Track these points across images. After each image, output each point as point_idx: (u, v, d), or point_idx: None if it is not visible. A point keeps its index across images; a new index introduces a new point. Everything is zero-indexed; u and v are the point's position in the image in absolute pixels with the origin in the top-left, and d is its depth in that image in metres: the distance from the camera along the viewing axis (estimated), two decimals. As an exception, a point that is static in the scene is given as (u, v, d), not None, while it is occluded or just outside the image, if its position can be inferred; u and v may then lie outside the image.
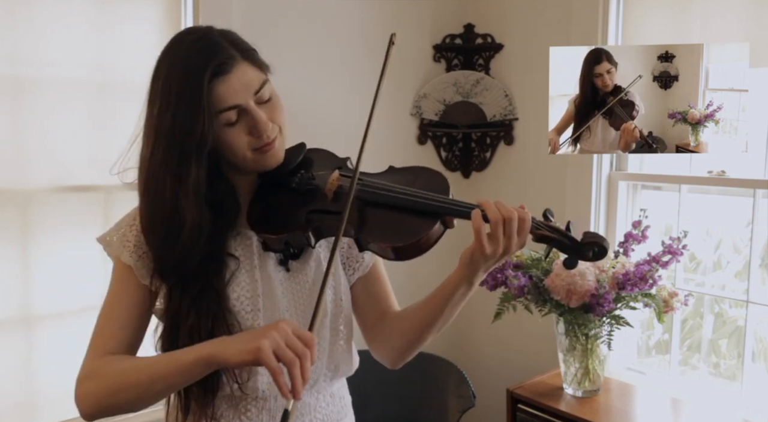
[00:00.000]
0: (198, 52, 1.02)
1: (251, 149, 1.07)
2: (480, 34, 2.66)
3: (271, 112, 1.08)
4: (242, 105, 1.03)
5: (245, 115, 1.05)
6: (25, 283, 1.86)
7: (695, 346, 2.29)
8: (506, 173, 2.66)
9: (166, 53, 1.06)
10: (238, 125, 1.05)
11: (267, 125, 1.06)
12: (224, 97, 1.02)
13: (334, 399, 1.23)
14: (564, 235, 1.07)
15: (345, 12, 2.40)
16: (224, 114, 1.03)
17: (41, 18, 1.81)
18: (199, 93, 0.99)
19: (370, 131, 1.08)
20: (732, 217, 2.21)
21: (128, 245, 1.12)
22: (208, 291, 1.07)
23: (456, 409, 1.97)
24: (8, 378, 1.86)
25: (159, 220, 1.04)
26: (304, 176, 1.13)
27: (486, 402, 2.47)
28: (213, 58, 1.01)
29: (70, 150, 1.90)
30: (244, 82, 1.03)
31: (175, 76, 1.02)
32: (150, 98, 1.06)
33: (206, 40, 1.04)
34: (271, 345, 0.90)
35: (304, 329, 0.95)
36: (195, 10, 2.04)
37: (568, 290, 1.89)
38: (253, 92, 1.04)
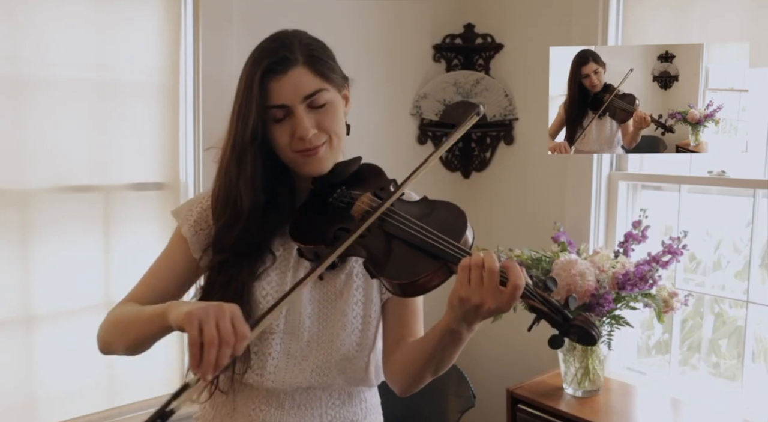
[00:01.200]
0: (264, 49, 1.10)
1: (292, 150, 1.11)
2: (480, 34, 2.66)
3: (322, 119, 1.10)
4: (288, 106, 1.08)
5: (291, 116, 1.09)
6: (25, 283, 1.86)
7: (695, 346, 2.29)
8: (506, 173, 2.66)
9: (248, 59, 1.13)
10: (283, 124, 1.10)
11: (308, 131, 1.09)
12: (273, 94, 1.07)
13: (353, 399, 1.23)
14: (555, 310, 0.96)
15: (345, 12, 2.40)
16: (271, 111, 1.08)
17: (41, 18, 1.81)
18: (252, 86, 1.07)
19: (370, 132, 1.08)
20: (732, 217, 2.21)
21: (190, 219, 1.20)
22: (235, 280, 1.12)
23: (456, 409, 1.97)
24: (8, 378, 1.86)
25: (225, 202, 1.13)
26: (341, 193, 1.14)
27: (486, 402, 2.47)
28: (273, 55, 1.07)
29: (70, 150, 1.90)
30: (295, 84, 1.07)
31: (245, 69, 1.11)
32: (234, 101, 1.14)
33: (279, 39, 1.11)
34: (199, 317, 0.90)
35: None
36: (195, 10, 2.04)
37: (568, 290, 1.89)
38: (302, 96, 1.08)
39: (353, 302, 1.18)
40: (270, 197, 1.13)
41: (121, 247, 1.99)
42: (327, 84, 1.10)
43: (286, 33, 1.13)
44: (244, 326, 0.92)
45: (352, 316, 1.17)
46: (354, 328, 1.17)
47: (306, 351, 1.16)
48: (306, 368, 1.15)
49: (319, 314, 1.17)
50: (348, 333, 1.16)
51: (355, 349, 1.17)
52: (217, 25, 2.06)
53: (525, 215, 2.59)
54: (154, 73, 2.03)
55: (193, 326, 0.90)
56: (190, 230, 1.18)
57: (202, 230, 1.19)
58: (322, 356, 1.16)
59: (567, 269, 1.91)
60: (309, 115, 1.09)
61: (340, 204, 1.13)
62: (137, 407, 2.04)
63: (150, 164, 2.04)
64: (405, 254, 1.03)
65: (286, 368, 1.14)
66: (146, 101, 2.02)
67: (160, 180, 2.06)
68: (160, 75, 2.04)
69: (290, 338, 1.15)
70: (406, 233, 1.04)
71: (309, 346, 1.16)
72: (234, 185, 1.11)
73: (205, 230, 1.18)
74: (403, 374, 1.16)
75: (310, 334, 1.16)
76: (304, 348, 1.16)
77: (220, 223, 1.13)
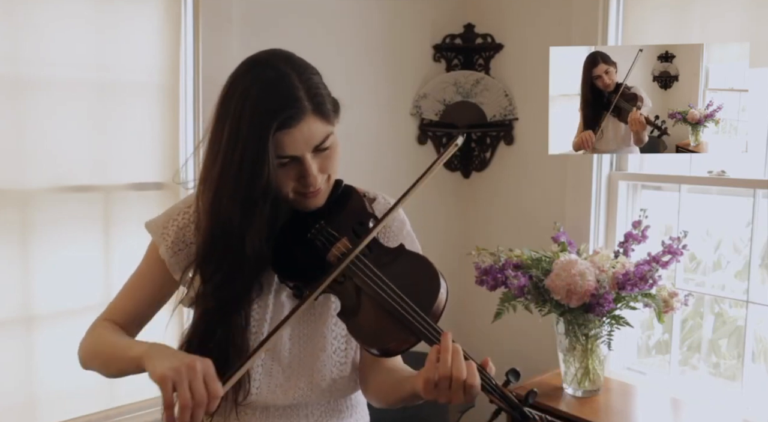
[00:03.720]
0: (272, 97, 1.02)
1: (294, 192, 1.08)
2: (480, 34, 2.66)
3: (325, 162, 1.08)
4: (299, 156, 1.04)
5: (298, 163, 1.05)
6: (25, 283, 1.86)
7: (695, 346, 2.29)
8: (506, 173, 2.66)
9: (239, 82, 1.05)
10: (289, 168, 1.06)
11: (316, 179, 1.07)
12: (284, 146, 1.02)
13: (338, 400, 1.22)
14: (513, 406, 1.01)
15: (345, 12, 2.40)
16: (279, 159, 1.04)
17: (41, 18, 1.81)
18: (266, 142, 1.00)
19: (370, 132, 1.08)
20: (732, 217, 2.21)
21: (167, 240, 1.16)
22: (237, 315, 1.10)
23: (456, 409, 1.96)
24: (8, 378, 1.86)
25: (222, 245, 1.06)
26: (320, 229, 1.12)
27: (486, 402, 2.47)
28: (284, 109, 1.01)
29: (70, 150, 1.90)
30: (306, 136, 1.03)
31: (247, 118, 1.01)
32: (218, 121, 1.06)
33: (283, 85, 1.02)
34: (173, 379, 0.92)
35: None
36: (195, 10, 2.04)
37: (568, 290, 1.89)
38: (312, 146, 1.05)
39: (332, 323, 1.17)
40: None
41: (121, 247, 1.99)
42: (331, 126, 1.08)
43: (285, 73, 1.04)
44: (217, 384, 0.94)
45: (331, 337, 1.17)
46: (335, 348, 1.17)
47: (288, 372, 1.15)
48: (288, 389, 1.15)
49: (300, 336, 1.16)
50: (328, 354, 1.16)
51: (338, 369, 1.17)
52: (217, 25, 2.06)
53: (525, 215, 2.59)
54: (154, 73, 2.03)
55: (166, 388, 0.92)
56: (168, 252, 1.15)
57: (180, 251, 1.15)
58: (304, 377, 1.16)
59: (567, 269, 1.91)
60: (314, 160, 1.06)
61: (318, 242, 1.11)
62: (137, 407, 2.04)
63: (150, 164, 2.04)
64: (375, 317, 1.03)
65: (268, 389, 1.14)
66: (146, 101, 2.02)
67: (160, 180, 2.06)
68: (160, 75, 2.04)
69: (272, 360, 1.15)
70: (376, 293, 1.03)
71: (291, 368, 1.15)
72: (237, 234, 1.04)
73: (183, 249, 1.15)
74: (376, 399, 1.20)
75: (292, 356, 1.16)
76: (285, 370, 1.15)
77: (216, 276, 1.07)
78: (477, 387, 0.98)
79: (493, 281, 2.00)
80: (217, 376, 0.95)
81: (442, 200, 2.73)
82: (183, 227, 1.16)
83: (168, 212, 1.20)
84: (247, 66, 1.06)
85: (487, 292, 2.04)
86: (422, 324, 1.00)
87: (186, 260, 1.14)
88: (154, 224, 1.20)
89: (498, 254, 2.05)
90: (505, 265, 2.00)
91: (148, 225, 1.20)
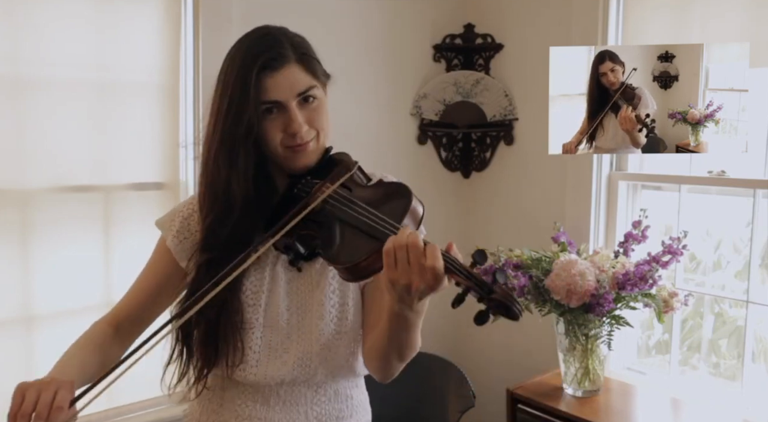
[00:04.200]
0: (257, 45, 1.10)
1: (283, 146, 1.12)
2: (480, 34, 2.66)
3: (312, 115, 1.12)
4: (282, 102, 1.09)
5: (284, 112, 1.10)
6: (25, 283, 1.86)
7: (695, 346, 2.29)
8: (506, 173, 2.66)
9: (236, 43, 1.13)
10: (276, 119, 1.10)
11: (302, 127, 1.11)
12: (268, 90, 1.08)
13: (339, 396, 1.23)
14: (479, 284, 0.95)
15: (345, 12, 2.40)
16: (265, 106, 1.09)
17: (41, 18, 1.81)
18: (248, 82, 1.07)
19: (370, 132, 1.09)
20: (732, 217, 2.21)
21: (173, 229, 1.22)
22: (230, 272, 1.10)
23: (456, 409, 1.97)
24: (8, 378, 1.86)
25: (214, 197, 1.12)
26: (305, 183, 1.15)
27: (486, 402, 2.47)
28: (267, 52, 1.08)
29: (70, 150, 1.90)
30: (290, 81, 1.09)
31: (234, 65, 1.09)
32: (216, 83, 1.14)
33: (270, 36, 1.12)
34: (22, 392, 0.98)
35: None
36: (195, 10, 2.04)
37: (568, 290, 1.89)
38: (296, 93, 1.10)
39: (329, 290, 1.18)
40: (256, 193, 1.14)
41: (121, 247, 1.99)
42: (316, 81, 1.13)
43: (272, 29, 1.14)
44: (59, 402, 0.99)
45: (329, 305, 1.18)
46: (332, 316, 1.18)
47: (287, 343, 1.17)
48: (288, 360, 1.16)
49: (297, 305, 1.18)
50: (326, 322, 1.17)
51: (334, 338, 1.18)
52: (217, 25, 2.05)
53: (525, 215, 2.59)
54: (154, 73, 2.03)
55: (13, 400, 0.98)
56: (173, 240, 1.20)
57: (186, 239, 1.20)
58: (302, 347, 1.17)
59: (567, 269, 1.91)
60: (300, 111, 1.10)
61: (302, 193, 1.13)
62: (137, 407, 2.04)
63: (150, 164, 2.04)
64: (349, 238, 1.04)
65: (268, 361, 1.16)
66: (146, 101, 2.02)
67: (160, 180, 2.06)
68: (160, 75, 2.04)
69: (270, 331, 1.17)
70: (349, 215, 1.05)
71: (289, 338, 1.17)
72: (225, 179, 1.10)
73: (188, 238, 1.20)
74: (372, 359, 1.18)
75: (290, 326, 1.17)
76: (284, 341, 1.17)
77: (210, 219, 1.13)
78: (435, 256, 0.93)
79: (493, 281, 2.00)
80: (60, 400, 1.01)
81: (442, 200, 2.73)
82: (187, 216, 1.22)
83: (174, 209, 1.26)
84: (241, 37, 1.15)
85: (487, 292, 2.04)
86: (388, 227, 1.00)
87: (192, 248, 1.18)
88: (162, 219, 1.25)
89: (498, 254, 2.05)
90: (505, 265, 2.00)
91: (157, 222, 1.26)
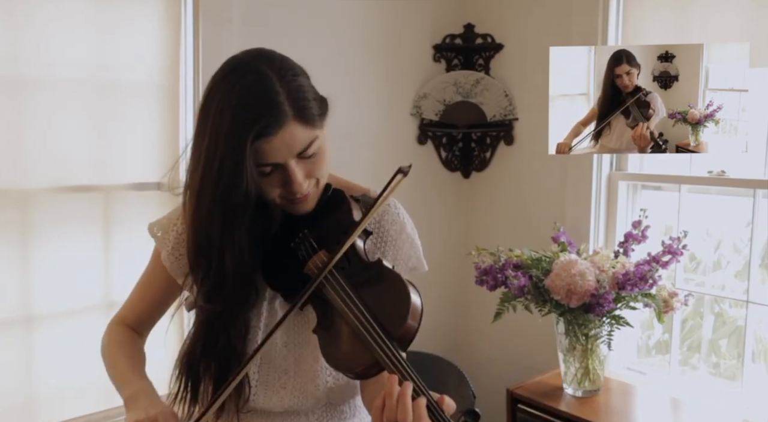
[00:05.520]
0: (250, 103, 0.96)
1: (281, 198, 1.05)
2: (480, 34, 2.66)
3: (312, 167, 1.04)
4: (280, 163, 1.00)
5: (282, 170, 1.01)
6: (25, 283, 1.86)
7: (695, 346, 2.29)
8: (506, 173, 2.66)
9: (218, 87, 1.00)
10: (273, 176, 1.02)
11: (302, 185, 1.02)
12: (265, 155, 0.98)
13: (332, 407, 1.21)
14: None
15: (345, 12, 2.40)
16: (261, 167, 1.00)
17: (41, 18, 1.81)
18: (242, 153, 0.96)
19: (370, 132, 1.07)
20: (732, 217, 2.21)
21: (168, 245, 1.17)
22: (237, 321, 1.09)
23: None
24: (8, 378, 1.86)
25: (206, 262, 1.04)
26: (302, 239, 1.09)
27: (486, 402, 2.47)
28: (262, 117, 0.96)
29: (70, 150, 1.90)
30: (287, 143, 0.98)
31: (223, 122, 0.97)
32: (198, 127, 1.02)
33: (263, 90, 0.97)
34: None
35: None
36: (195, 10, 2.04)
37: (568, 290, 1.89)
38: (295, 153, 1.00)
39: None
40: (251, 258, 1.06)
41: (121, 247, 1.99)
42: (316, 131, 1.02)
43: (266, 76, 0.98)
44: None
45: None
46: None
47: (284, 378, 1.14)
48: (284, 396, 1.14)
49: (294, 343, 1.15)
50: (321, 364, 1.14)
51: (333, 378, 1.16)
52: (217, 25, 2.06)
53: (525, 215, 2.59)
54: (154, 73, 2.03)
55: None
56: (168, 258, 1.16)
57: (181, 256, 1.14)
58: (299, 385, 1.14)
59: (567, 269, 1.91)
60: (299, 166, 1.02)
61: (299, 252, 1.09)
62: (137, 407, 2.04)
63: (150, 164, 2.04)
64: (346, 338, 1.00)
65: (264, 396, 1.13)
66: (146, 101, 2.02)
67: (160, 180, 2.06)
68: (160, 75, 2.04)
69: (267, 367, 1.14)
70: (346, 313, 1.00)
71: (287, 374, 1.14)
72: (217, 247, 1.02)
73: (184, 255, 1.12)
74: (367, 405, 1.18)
75: (287, 363, 1.14)
76: (281, 376, 1.14)
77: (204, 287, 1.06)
78: None
79: (493, 281, 2.00)
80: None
81: (442, 200, 2.73)
82: (182, 232, 1.14)
83: (170, 215, 1.20)
84: (226, 70, 1.01)
85: (487, 292, 2.04)
86: (386, 352, 0.96)
87: (187, 265, 1.12)
88: (156, 226, 1.20)
89: (498, 254, 2.05)
90: (505, 265, 2.00)
91: (151, 228, 1.20)
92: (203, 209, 1.01)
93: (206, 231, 1.02)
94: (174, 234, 1.16)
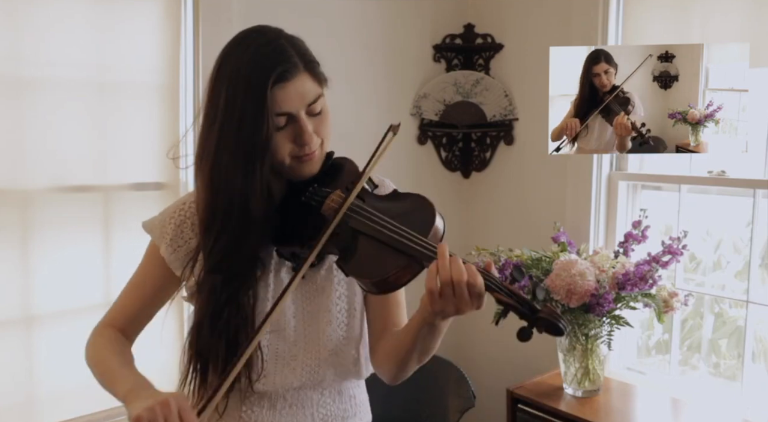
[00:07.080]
0: (266, 55, 1.05)
1: (291, 156, 1.10)
2: (480, 34, 2.66)
3: (319, 125, 1.10)
4: (293, 113, 1.06)
5: (294, 123, 1.07)
6: (25, 283, 1.86)
7: (695, 346, 2.29)
8: (506, 173, 2.66)
9: (232, 51, 1.09)
10: (285, 130, 1.07)
11: (312, 137, 1.09)
12: (280, 102, 1.05)
13: (342, 396, 1.23)
14: (522, 302, 0.98)
15: (345, 12, 2.40)
16: (276, 118, 1.06)
17: (41, 18, 1.81)
18: (264, 96, 1.03)
19: (371, 132, 1.08)
20: (732, 217, 2.21)
21: (166, 237, 1.17)
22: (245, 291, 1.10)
23: (456, 409, 1.97)
24: (8, 378, 1.86)
25: (227, 217, 1.07)
26: (313, 191, 1.13)
27: (486, 402, 2.47)
28: (278, 64, 1.04)
29: (70, 150, 1.90)
30: (300, 92, 1.06)
31: (243, 77, 1.04)
32: (212, 95, 1.08)
33: (274, 44, 1.07)
34: (148, 418, 0.92)
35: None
36: (195, 10, 2.04)
37: (568, 290, 1.89)
38: (306, 103, 1.07)
39: (336, 296, 1.18)
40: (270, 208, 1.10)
41: (121, 247, 1.99)
42: (322, 89, 1.11)
43: (274, 36, 1.09)
44: (191, 416, 0.95)
45: (336, 311, 1.18)
46: (339, 322, 1.18)
47: (294, 350, 1.16)
48: (296, 367, 1.15)
49: (303, 312, 1.17)
50: (333, 327, 1.17)
51: (342, 343, 1.18)
52: (217, 24, 2.05)
53: (525, 215, 2.59)
54: (154, 73, 2.03)
55: None
56: (167, 250, 1.17)
57: (180, 247, 1.17)
58: (310, 354, 1.16)
59: (567, 269, 1.91)
60: (309, 121, 1.09)
61: (312, 202, 1.12)
62: (137, 407, 2.04)
63: (150, 164, 2.04)
64: (373, 252, 1.03)
65: (275, 369, 1.15)
66: (146, 101, 2.02)
67: (160, 180, 2.06)
68: (160, 75, 2.04)
69: (277, 339, 1.15)
70: (373, 228, 1.04)
71: (296, 345, 1.16)
72: (241, 196, 1.05)
73: (182, 246, 1.16)
74: (390, 364, 1.18)
75: (297, 333, 1.16)
76: (291, 348, 1.16)
77: (224, 240, 1.07)
78: (480, 286, 0.97)
79: (493, 281, 2.00)
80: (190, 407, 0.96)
81: (442, 200, 2.73)
82: (180, 223, 1.17)
83: (164, 212, 1.21)
84: (237, 39, 1.10)
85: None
86: (419, 244, 1.00)
87: (186, 256, 1.15)
88: (151, 224, 1.21)
89: (498, 254, 2.05)
90: (505, 265, 2.00)
91: (146, 225, 1.21)
92: (222, 164, 1.06)
93: (226, 185, 1.06)
94: (172, 226, 1.18)
